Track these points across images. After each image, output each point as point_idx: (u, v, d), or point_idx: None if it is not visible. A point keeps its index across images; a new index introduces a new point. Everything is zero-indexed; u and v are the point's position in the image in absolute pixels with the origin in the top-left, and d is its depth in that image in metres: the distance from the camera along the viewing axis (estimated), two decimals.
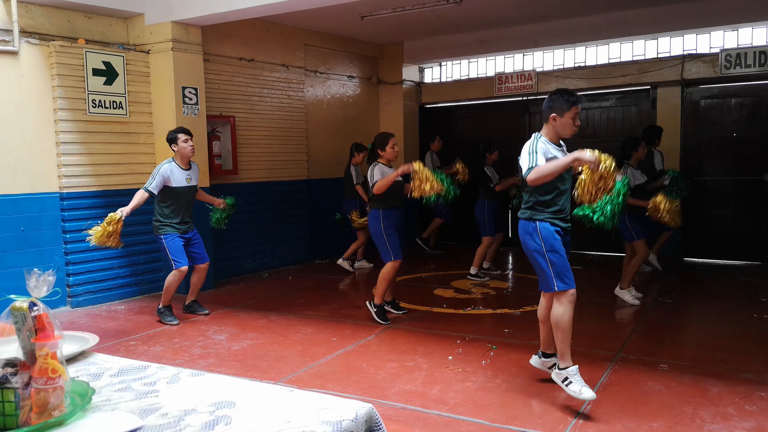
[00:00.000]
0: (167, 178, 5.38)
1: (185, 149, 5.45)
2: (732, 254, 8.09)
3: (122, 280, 6.52)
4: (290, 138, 8.36)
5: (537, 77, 9.03)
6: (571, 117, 3.54)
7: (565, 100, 3.53)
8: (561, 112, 3.54)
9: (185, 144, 5.45)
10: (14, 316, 1.39)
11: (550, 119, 3.57)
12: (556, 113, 3.55)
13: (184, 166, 5.51)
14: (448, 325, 5.43)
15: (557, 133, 3.60)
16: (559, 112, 3.55)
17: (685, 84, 8.14)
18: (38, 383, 1.35)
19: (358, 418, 1.44)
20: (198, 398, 1.55)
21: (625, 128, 8.63)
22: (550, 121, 3.58)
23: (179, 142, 5.44)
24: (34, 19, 5.87)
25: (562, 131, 3.59)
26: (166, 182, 5.39)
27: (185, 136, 5.47)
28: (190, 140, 5.49)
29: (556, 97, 3.57)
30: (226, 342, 4.99)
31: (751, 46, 7.69)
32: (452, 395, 3.79)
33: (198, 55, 6.75)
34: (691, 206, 8.18)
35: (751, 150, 7.91)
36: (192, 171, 5.60)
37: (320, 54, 8.92)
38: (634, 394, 3.76)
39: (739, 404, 3.56)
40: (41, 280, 1.42)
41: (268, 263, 8.09)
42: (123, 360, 1.85)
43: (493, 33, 9.11)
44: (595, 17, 8.29)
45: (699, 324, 5.50)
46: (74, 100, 6.05)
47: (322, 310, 6.01)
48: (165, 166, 5.41)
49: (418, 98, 10.31)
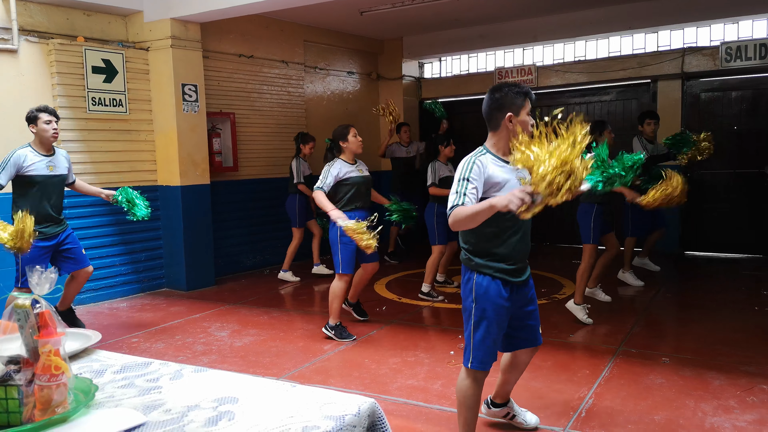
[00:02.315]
0: (20, 165, 4.50)
1: (46, 132, 4.56)
2: (733, 248, 8.09)
3: (124, 277, 6.53)
4: (290, 134, 8.32)
5: (537, 72, 9.01)
6: (527, 113, 2.65)
7: (516, 93, 2.64)
8: (517, 109, 2.63)
9: (47, 126, 4.56)
10: (17, 313, 1.39)
11: (504, 122, 2.63)
12: (511, 111, 2.62)
13: (45, 152, 4.64)
14: (449, 320, 5.43)
15: (513, 138, 2.46)
16: (514, 109, 2.63)
17: (686, 77, 8.12)
18: (41, 380, 1.35)
19: (360, 412, 1.45)
20: (201, 394, 1.55)
21: (626, 122, 8.61)
22: (503, 126, 2.64)
23: (39, 123, 4.55)
24: (33, 17, 5.86)
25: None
26: (22, 171, 4.52)
27: (49, 116, 4.58)
28: (54, 122, 4.60)
29: (504, 92, 2.66)
30: (228, 338, 5.00)
31: (752, 39, 7.67)
32: (454, 390, 3.79)
33: (197, 52, 6.74)
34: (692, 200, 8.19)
35: (752, 143, 7.89)
36: (55, 158, 4.70)
37: (320, 50, 8.90)
38: (636, 387, 3.76)
39: (741, 397, 3.57)
40: (43, 278, 1.42)
41: (269, 260, 8.09)
42: (126, 357, 1.86)
43: (492, 27, 9.09)
44: (595, 11, 8.27)
45: (700, 317, 5.50)
46: (74, 98, 6.05)
47: (324, 306, 6.01)
48: (19, 152, 4.53)
49: (418, 93, 10.29)
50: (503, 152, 2.67)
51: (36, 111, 4.58)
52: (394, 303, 6.06)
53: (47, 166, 4.62)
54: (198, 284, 6.82)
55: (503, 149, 2.67)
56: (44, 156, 4.62)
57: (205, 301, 6.27)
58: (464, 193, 2.49)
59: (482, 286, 2.67)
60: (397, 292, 6.52)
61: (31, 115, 4.59)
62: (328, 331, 4.89)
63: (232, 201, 7.61)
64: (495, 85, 2.75)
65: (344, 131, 4.83)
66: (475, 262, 2.70)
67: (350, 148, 4.80)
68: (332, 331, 4.87)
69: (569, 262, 7.75)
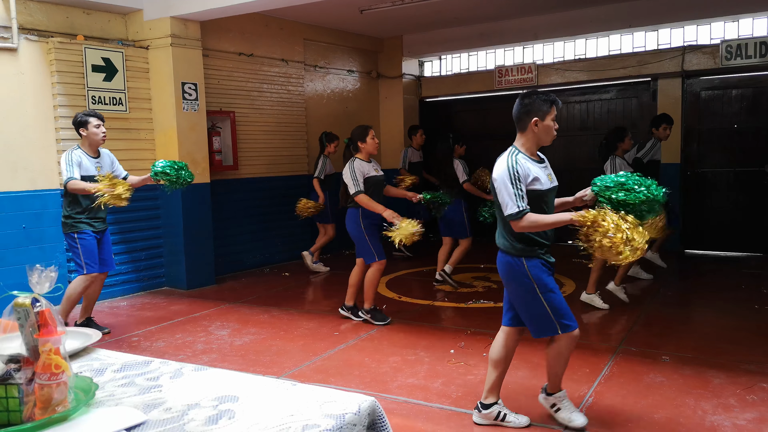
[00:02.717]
0: (80, 164, 4.79)
1: (96, 135, 4.83)
2: (733, 246, 8.09)
3: (124, 276, 6.53)
4: (290, 133, 8.35)
5: (537, 70, 9.01)
6: (552, 119, 3.06)
7: (543, 101, 3.04)
8: (543, 115, 3.03)
9: (97, 130, 4.82)
10: (17, 312, 1.39)
11: (530, 126, 3.04)
12: (537, 117, 3.02)
13: (93, 154, 4.91)
14: (449, 318, 5.44)
15: (538, 141, 3.07)
16: (540, 114, 3.03)
17: (686, 75, 8.12)
18: (42, 379, 1.35)
19: (361, 411, 1.45)
20: (201, 393, 1.55)
21: (626, 120, 8.62)
22: (529, 128, 3.05)
23: (90, 127, 4.80)
24: (33, 16, 5.86)
25: (545, 137, 3.07)
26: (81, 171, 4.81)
27: (98, 121, 4.85)
28: (102, 126, 4.88)
29: (533, 99, 3.05)
30: (228, 337, 5.00)
31: (752, 37, 7.66)
32: (454, 389, 3.80)
33: (197, 50, 6.73)
34: (692, 198, 8.20)
35: (752, 141, 7.89)
36: (102, 160, 4.97)
37: (319, 48, 8.90)
38: (636, 386, 3.76)
39: (741, 395, 3.57)
40: (43, 277, 1.42)
41: (269, 258, 8.10)
42: (126, 355, 1.86)
43: (492, 26, 9.08)
44: (595, 9, 8.26)
45: (700, 316, 5.50)
46: (74, 96, 6.04)
47: (324, 305, 6.01)
48: (74, 152, 4.80)
49: (418, 92, 10.29)
50: (531, 152, 3.09)
51: (85, 115, 4.82)
52: (394, 302, 6.06)
53: (95, 167, 4.87)
54: (198, 283, 6.83)
55: (530, 149, 3.10)
56: (92, 158, 4.89)
57: (205, 300, 6.27)
58: (522, 197, 2.93)
59: (535, 267, 3.05)
60: (397, 291, 6.52)
61: (81, 120, 4.80)
62: (364, 314, 5.20)
63: (232, 200, 7.60)
64: (525, 92, 3.15)
65: (364, 132, 5.03)
66: (522, 247, 3.06)
67: (367, 148, 5.02)
68: (368, 315, 5.17)
69: (569, 260, 7.75)
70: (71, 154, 4.79)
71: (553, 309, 3.04)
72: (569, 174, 7.87)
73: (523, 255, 3.05)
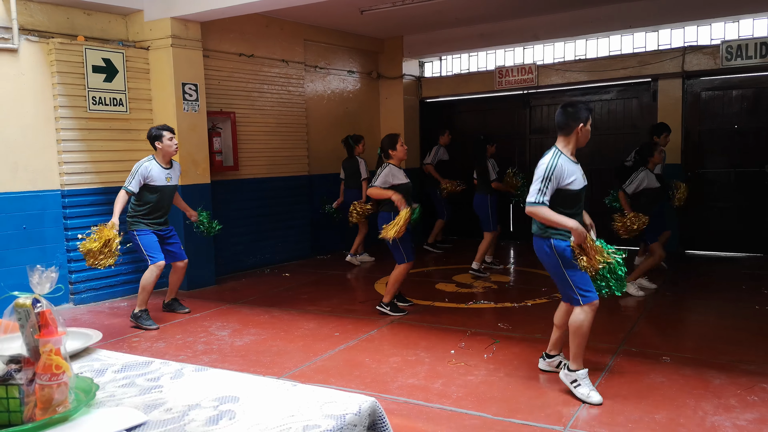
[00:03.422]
0: (147, 176, 5.26)
1: (170, 147, 5.32)
2: (733, 247, 8.09)
3: (124, 276, 6.53)
4: (291, 133, 8.35)
5: (537, 70, 9.01)
6: (590, 124, 3.63)
7: (585, 109, 3.60)
8: (585, 121, 3.58)
9: (170, 142, 5.31)
10: (18, 312, 1.39)
11: (576, 130, 3.57)
12: (582, 122, 3.57)
13: (166, 165, 5.38)
14: (450, 319, 5.44)
15: (578, 143, 3.62)
16: (584, 121, 3.58)
17: (686, 76, 8.12)
18: (42, 379, 1.35)
19: (361, 411, 1.45)
20: (202, 393, 1.55)
21: (626, 121, 8.62)
22: (574, 133, 3.57)
23: (164, 140, 5.29)
24: (33, 17, 5.86)
25: (584, 140, 3.62)
26: (147, 180, 5.27)
27: (170, 134, 5.33)
28: (174, 138, 5.38)
29: (578, 107, 3.60)
30: (228, 338, 5.00)
31: (752, 38, 7.66)
32: (455, 389, 3.80)
33: (197, 51, 6.74)
34: (693, 199, 8.19)
35: (753, 142, 7.89)
36: (173, 170, 5.46)
37: (320, 49, 8.90)
38: (637, 386, 3.76)
39: (742, 396, 3.57)
40: (44, 277, 1.42)
41: (269, 259, 8.10)
42: (126, 356, 1.86)
43: (493, 26, 9.08)
44: (596, 9, 8.27)
45: (701, 316, 5.50)
46: (74, 97, 6.05)
47: (324, 305, 6.01)
48: (145, 164, 5.28)
49: (418, 93, 10.29)
50: (572, 153, 3.61)
51: (160, 130, 5.30)
52: None
53: (166, 177, 5.35)
54: (198, 283, 6.83)
55: (572, 151, 3.61)
56: (164, 168, 5.34)
57: (205, 301, 6.27)
58: (545, 192, 3.45)
59: (561, 246, 3.53)
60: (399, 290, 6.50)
61: (156, 134, 5.28)
62: (383, 308, 5.56)
63: (233, 200, 7.61)
64: (569, 101, 3.74)
65: (393, 140, 5.39)
66: (551, 232, 3.55)
67: (398, 155, 5.36)
68: (387, 308, 5.55)
69: None
70: (140, 165, 5.26)
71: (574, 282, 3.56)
72: None
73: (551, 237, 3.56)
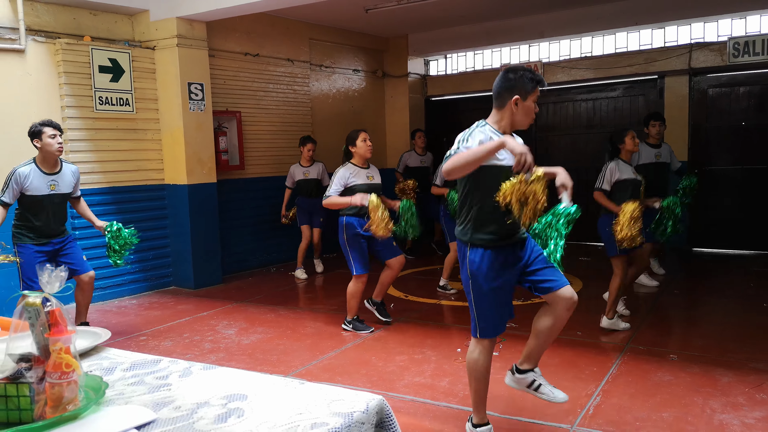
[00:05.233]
0: (22, 184, 4.34)
1: (51, 147, 4.34)
2: (741, 244, 8.04)
3: (132, 276, 6.56)
4: (296, 132, 8.35)
5: (543, 68, 8.98)
6: (533, 100, 2.80)
7: (528, 79, 2.77)
8: (525, 94, 2.77)
9: (52, 140, 4.33)
10: (28, 311, 1.40)
11: (510, 103, 2.77)
12: (519, 95, 2.76)
13: (49, 170, 4.44)
14: (456, 317, 5.43)
15: (514, 121, 2.81)
16: (522, 93, 2.76)
17: (693, 73, 8.08)
18: (52, 378, 1.36)
19: (369, 409, 1.45)
20: (210, 391, 1.56)
21: (633, 118, 8.58)
22: (508, 106, 2.78)
23: (44, 137, 4.32)
24: (40, 17, 5.89)
25: (523, 119, 2.81)
26: (24, 190, 4.35)
27: (53, 131, 4.34)
28: (58, 136, 4.37)
29: (518, 74, 2.77)
30: (235, 336, 5.02)
31: (759, 34, 7.61)
32: (461, 387, 3.80)
33: (203, 50, 6.76)
34: (699, 196, 8.15)
35: (760, 139, 7.84)
36: (60, 176, 4.49)
37: (325, 48, 8.91)
38: (644, 384, 3.75)
39: (750, 394, 3.55)
40: (53, 276, 1.43)
41: (275, 258, 8.11)
42: (135, 354, 1.87)
43: (498, 24, 9.06)
44: (602, 6, 8.24)
45: (708, 314, 5.48)
46: (81, 97, 6.08)
47: (331, 303, 6.02)
48: (20, 170, 4.34)
49: (423, 91, 10.28)
50: (503, 130, 2.82)
51: (40, 125, 4.34)
52: (401, 300, 6.07)
53: (49, 184, 4.42)
54: (205, 282, 6.85)
55: (504, 128, 2.82)
56: (47, 174, 4.43)
57: (212, 300, 6.30)
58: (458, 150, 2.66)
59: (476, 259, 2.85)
60: (403, 290, 6.52)
61: (35, 130, 4.34)
62: (347, 326, 5.08)
63: (239, 199, 7.63)
64: (511, 66, 2.86)
65: (354, 135, 4.93)
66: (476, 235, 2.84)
67: (358, 152, 4.90)
68: (350, 326, 5.06)
69: (576, 258, 7.75)
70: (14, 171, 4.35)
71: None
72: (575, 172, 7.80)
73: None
